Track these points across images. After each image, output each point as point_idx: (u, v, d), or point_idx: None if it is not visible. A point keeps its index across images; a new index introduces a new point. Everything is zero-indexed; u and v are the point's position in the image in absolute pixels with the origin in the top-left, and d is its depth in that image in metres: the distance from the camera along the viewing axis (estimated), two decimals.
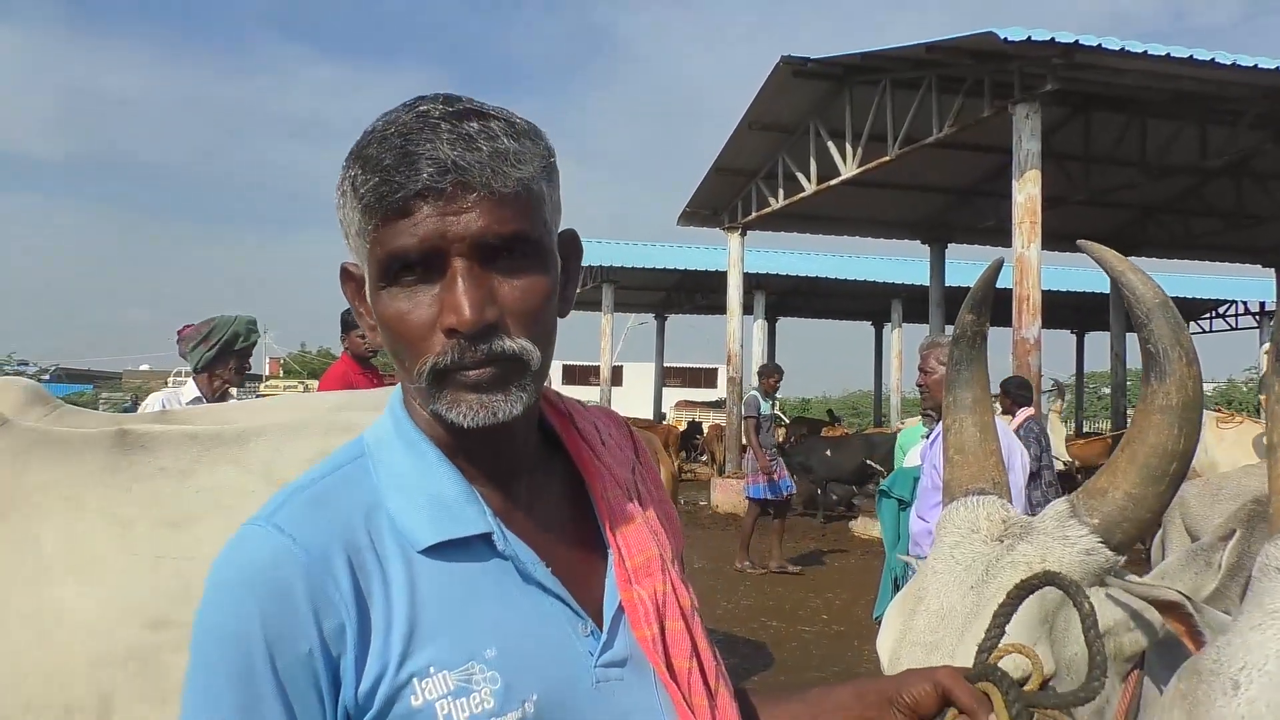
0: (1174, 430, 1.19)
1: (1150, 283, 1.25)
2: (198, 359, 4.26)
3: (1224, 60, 8.79)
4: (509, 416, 0.87)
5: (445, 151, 0.83)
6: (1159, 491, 1.20)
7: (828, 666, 6.25)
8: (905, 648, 1.23)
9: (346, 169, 0.87)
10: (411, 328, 0.86)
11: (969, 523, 1.28)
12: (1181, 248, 18.08)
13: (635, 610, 0.95)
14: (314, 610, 0.83)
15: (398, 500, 0.90)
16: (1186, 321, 8.52)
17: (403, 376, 0.91)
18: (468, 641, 0.86)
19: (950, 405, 1.43)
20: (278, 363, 40.09)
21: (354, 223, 0.87)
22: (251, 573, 0.84)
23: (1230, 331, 26.95)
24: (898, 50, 10.48)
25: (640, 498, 1.05)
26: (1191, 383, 1.20)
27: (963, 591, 1.22)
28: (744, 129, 13.30)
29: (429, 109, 0.86)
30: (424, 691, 0.84)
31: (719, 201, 15.43)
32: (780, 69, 11.74)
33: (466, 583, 0.88)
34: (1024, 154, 9.10)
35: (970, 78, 10.05)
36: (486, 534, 0.90)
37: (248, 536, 0.87)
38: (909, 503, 4.59)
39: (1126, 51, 8.61)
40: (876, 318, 27.19)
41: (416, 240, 0.84)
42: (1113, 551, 1.20)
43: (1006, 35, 8.45)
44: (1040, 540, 1.22)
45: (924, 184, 14.74)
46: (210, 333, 4.25)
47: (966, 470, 1.36)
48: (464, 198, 0.83)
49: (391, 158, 0.83)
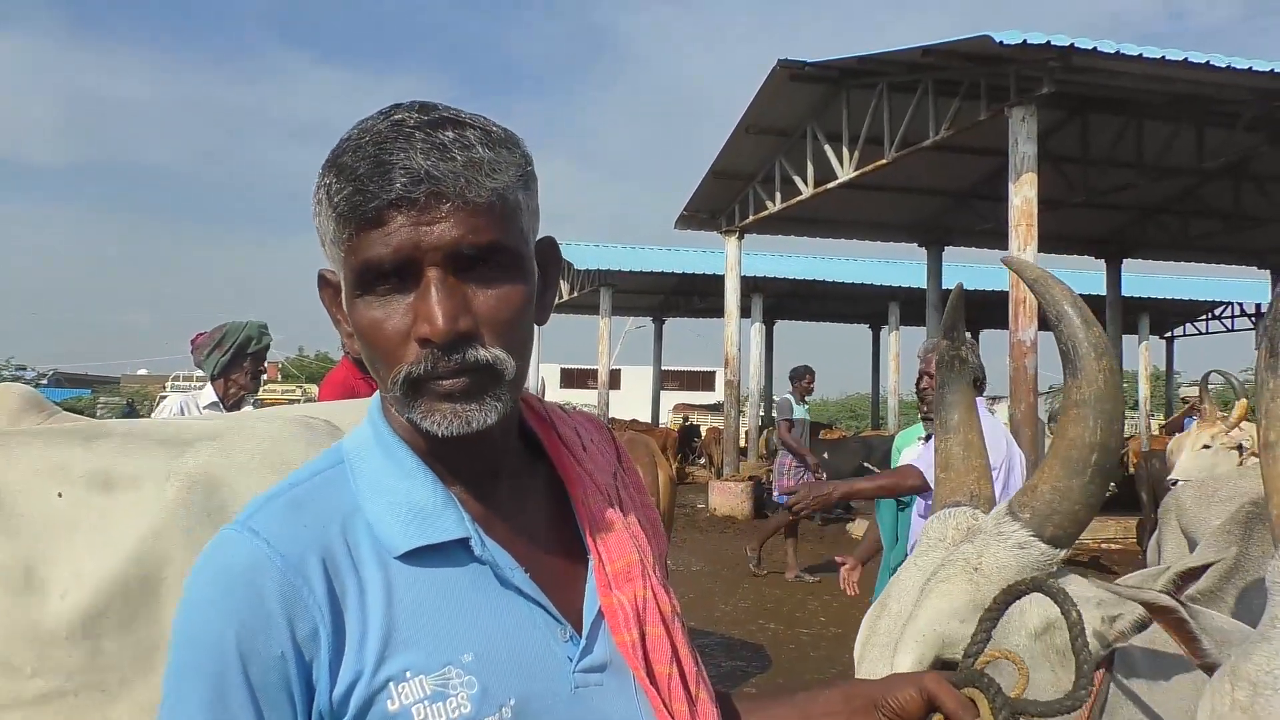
0: (1089, 423, 1.25)
1: (1061, 286, 1.31)
2: (213, 365, 4.28)
3: (1220, 62, 8.81)
4: (483, 426, 0.87)
5: (419, 161, 0.83)
6: (1083, 483, 1.25)
7: (826, 669, 6.25)
8: (869, 649, 1.31)
9: (321, 177, 0.87)
10: (386, 336, 0.86)
11: (938, 534, 1.36)
12: (1179, 249, 18.12)
13: (615, 615, 0.95)
14: (287, 615, 0.83)
15: (375, 506, 0.90)
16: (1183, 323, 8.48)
17: (379, 384, 0.92)
18: (444, 646, 0.86)
19: (938, 426, 1.51)
20: (276, 367, 40.04)
21: (329, 231, 0.87)
22: (226, 577, 0.85)
23: (1227, 333, 26.98)
24: (894, 54, 10.51)
25: (621, 503, 1.05)
26: (1102, 376, 1.26)
27: (914, 594, 1.29)
28: (741, 132, 13.33)
29: (404, 117, 0.86)
30: (400, 696, 0.84)
31: (716, 205, 15.45)
32: (777, 73, 11.77)
33: (444, 587, 0.89)
34: (1020, 157, 9.13)
35: (967, 81, 10.08)
36: (464, 539, 0.90)
37: (224, 541, 0.88)
38: (907, 504, 4.59)
39: (1122, 54, 8.63)
40: (874, 320, 27.21)
41: (390, 250, 0.83)
42: (1047, 544, 1.25)
43: (1002, 39, 8.48)
44: (980, 539, 1.29)
45: (921, 187, 14.77)
46: (223, 338, 4.27)
47: (948, 486, 1.44)
48: (437, 208, 0.83)
49: (365, 166, 0.83)
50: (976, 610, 1.20)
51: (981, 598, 1.21)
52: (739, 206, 15.23)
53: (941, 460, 1.48)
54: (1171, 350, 29.02)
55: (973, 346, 3.98)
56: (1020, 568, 1.24)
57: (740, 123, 13.14)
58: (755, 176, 14.50)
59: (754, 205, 14.87)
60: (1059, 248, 17.22)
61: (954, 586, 1.25)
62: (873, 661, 1.28)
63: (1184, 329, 28.28)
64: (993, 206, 14.29)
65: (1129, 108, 11.20)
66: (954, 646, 1.21)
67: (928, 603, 1.25)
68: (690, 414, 32.39)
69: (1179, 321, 27.93)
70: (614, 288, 21.01)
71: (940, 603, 1.24)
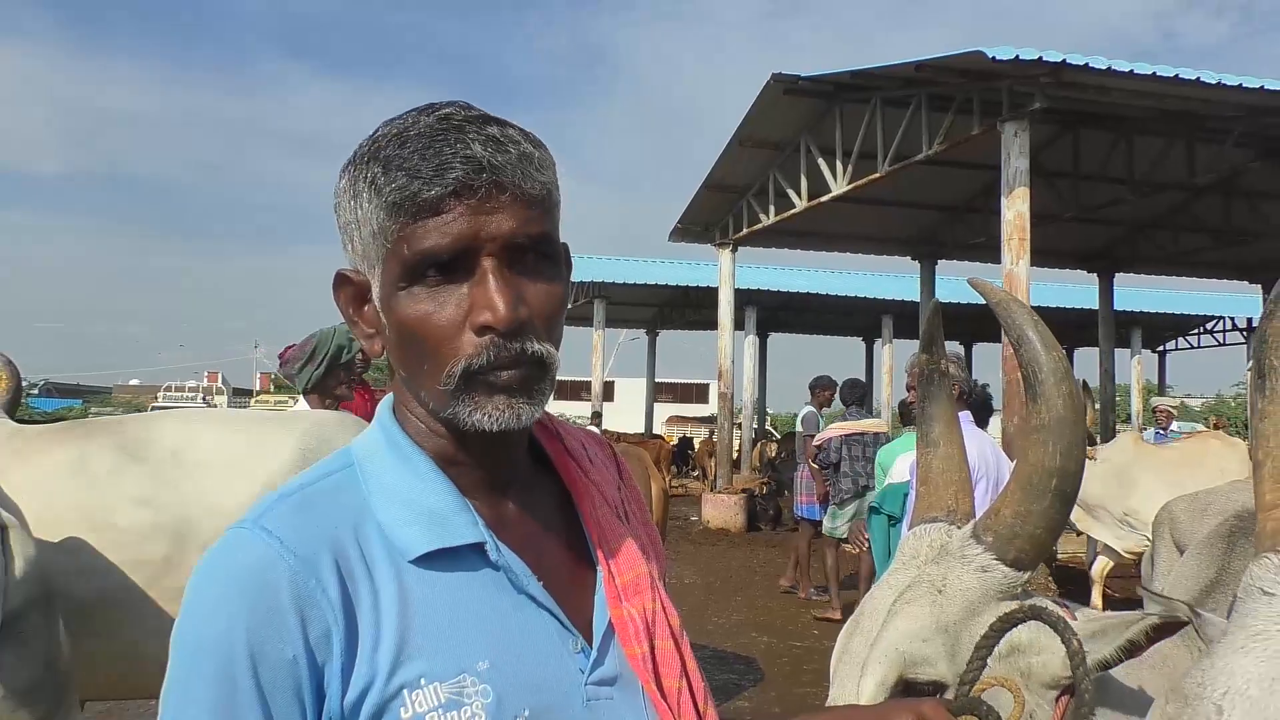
0: (1048, 447, 1.24)
1: (1023, 309, 1.33)
2: (307, 379, 4.06)
3: (1210, 79, 8.87)
4: (530, 420, 0.87)
5: (478, 150, 0.83)
6: (1043, 508, 1.24)
7: (819, 682, 6.23)
8: (841, 665, 1.31)
9: (361, 169, 0.86)
10: (439, 327, 0.85)
11: (912, 550, 1.36)
12: (1170, 264, 18.19)
13: (625, 628, 0.94)
14: (300, 615, 0.81)
15: (388, 509, 0.88)
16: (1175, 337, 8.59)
17: (413, 383, 0.90)
18: (460, 653, 0.84)
19: (919, 440, 1.51)
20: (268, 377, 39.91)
21: (372, 222, 0.85)
22: (237, 575, 0.82)
23: (1219, 347, 27.09)
24: (887, 68, 10.56)
25: (628, 516, 1.04)
26: (1062, 400, 1.25)
27: (884, 612, 1.30)
28: (735, 146, 13.36)
29: (450, 112, 0.86)
30: (414, 703, 0.82)
31: (710, 218, 15.48)
32: (771, 87, 11.81)
33: (458, 593, 0.87)
34: (1013, 171, 9.17)
35: (960, 96, 10.12)
36: (479, 544, 0.88)
37: (234, 539, 0.85)
38: (899, 518, 4.60)
39: (1113, 70, 8.68)
40: (867, 333, 27.27)
41: (449, 239, 0.83)
42: (1010, 568, 1.25)
43: (995, 54, 8.52)
44: (946, 561, 1.29)
45: (914, 201, 14.81)
46: (315, 351, 4.06)
47: (926, 500, 1.44)
48: (497, 197, 0.83)
49: (419, 157, 0.82)
50: (940, 632, 1.22)
51: (945, 619, 1.22)
52: (733, 219, 15.26)
53: (921, 474, 1.48)
54: (1164, 364, 29.15)
55: (959, 361, 3.99)
56: (984, 591, 1.24)
57: (734, 136, 13.17)
58: (749, 189, 14.53)
59: (748, 218, 14.90)
60: (1051, 261, 17.28)
61: (918, 609, 1.25)
62: (843, 678, 1.28)
63: (1176, 343, 28.40)
64: (985, 220, 14.33)
65: (1120, 123, 11.26)
66: (917, 666, 1.22)
67: (893, 623, 1.26)
68: (686, 426, 32.34)
69: (1171, 335, 28.06)
70: (608, 300, 21.02)
71: (904, 624, 1.25)
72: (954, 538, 1.32)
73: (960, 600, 1.23)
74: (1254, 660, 0.96)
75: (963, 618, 1.22)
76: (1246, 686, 0.94)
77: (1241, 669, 0.96)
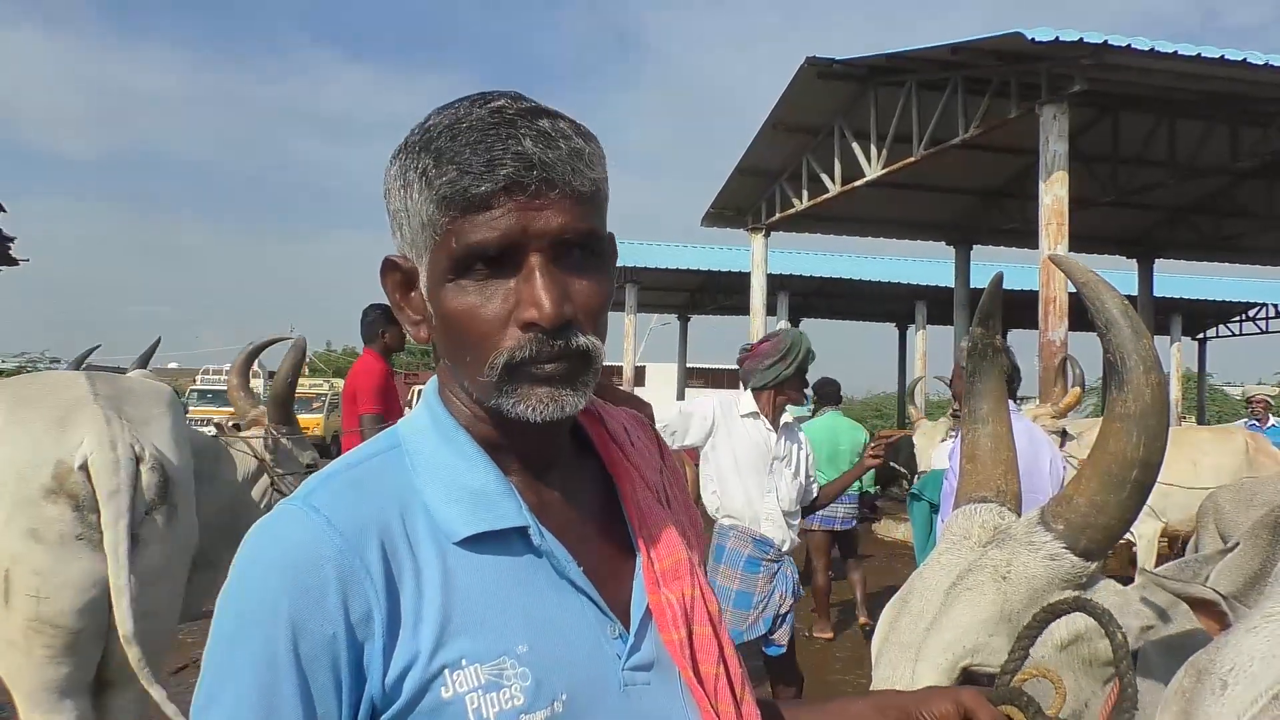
0: (1132, 438, 1.21)
1: (1113, 292, 1.27)
2: (774, 375, 4.01)
3: (1256, 60, 8.67)
4: (575, 410, 0.88)
5: (529, 147, 0.83)
6: (1121, 499, 1.21)
7: (851, 669, 6.23)
8: (888, 647, 1.27)
9: (410, 160, 0.86)
10: (485, 320, 0.86)
11: (963, 530, 1.32)
12: (1211, 249, 17.85)
13: (663, 613, 0.94)
14: (342, 594, 0.82)
15: (434, 490, 0.89)
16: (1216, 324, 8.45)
17: (457, 372, 0.91)
18: (501, 635, 0.85)
19: (966, 416, 1.47)
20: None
21: (420, 214, 0.86)
22: (283, 551, 0.84)
23: (1261, 335, 26.56)
24: (923, 51, 10.42)
25: (669, 500, 1.05)
26: (1150, 390, 1.21)
27: (938, 595, 1.26)
28: (768, 130, 13.28)
29: (503, 105, 0.86)
30: (455, 684, 0.83)
31: (743, 202, 15.41)
32: (805, 70, 11.71)
33: (501, 576, 0.88)
34: (1051, 155, 9.03)
35: (997, 79, 9.98)
36: (523, 528, 0.89)
37: (282, 515, 0.86)
38: (939, 505, 4.57)
39: (1156, 51, 8.52)
40: (900, 319, 27.02)
41: (498, 234, 0.84)
42: (1079, 558, 1.22)
43: (1034, 36, 8.39)
44: (1010, 546, 1.25)
45: (949, 185, 14.65)
46: (788, 351, 4.03)
47: (974, 479, 1.39)
48: (546, 194, 0.84)
49: (471, 151, 0.83)
50: (1004, 621, 1.19)
51: (1010, 608, 1.19)
52: (765, 204, 15.18)
53: (968, 451, 1.44)
54: (1204, 351, 28.62)
55: (1007, 349, 3.94)
56: (1050, 579, 1.21)
57: (768, 120, 13.08)
58: (782, 174, 14.43)
59: (780, 203, 14.81)
60: (1089, 247, 17.02)
61: (982, 596, 1.22)
62: (891, 661, 1.25)
63: (1217, 330, 27.87)
64: (1021, 205, 14.15)
65: (1161, 106, 11.05)
66: (980, 656, 1.19)
67: (954, 611, 1.22)
68: None
69: (1213, 322, 27.53)
70: (639, 284, 20.99)
71: (968, 612, 1.21)
72: (1019, 522, 1.29)
73: (1025, 588, 1.21)
74: (1261, 639, 0.98)
75: (1026, 606, 1.19)
76: (1250, 663, 0.97)
77: (1249, 647, 0.98)
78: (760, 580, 3.92)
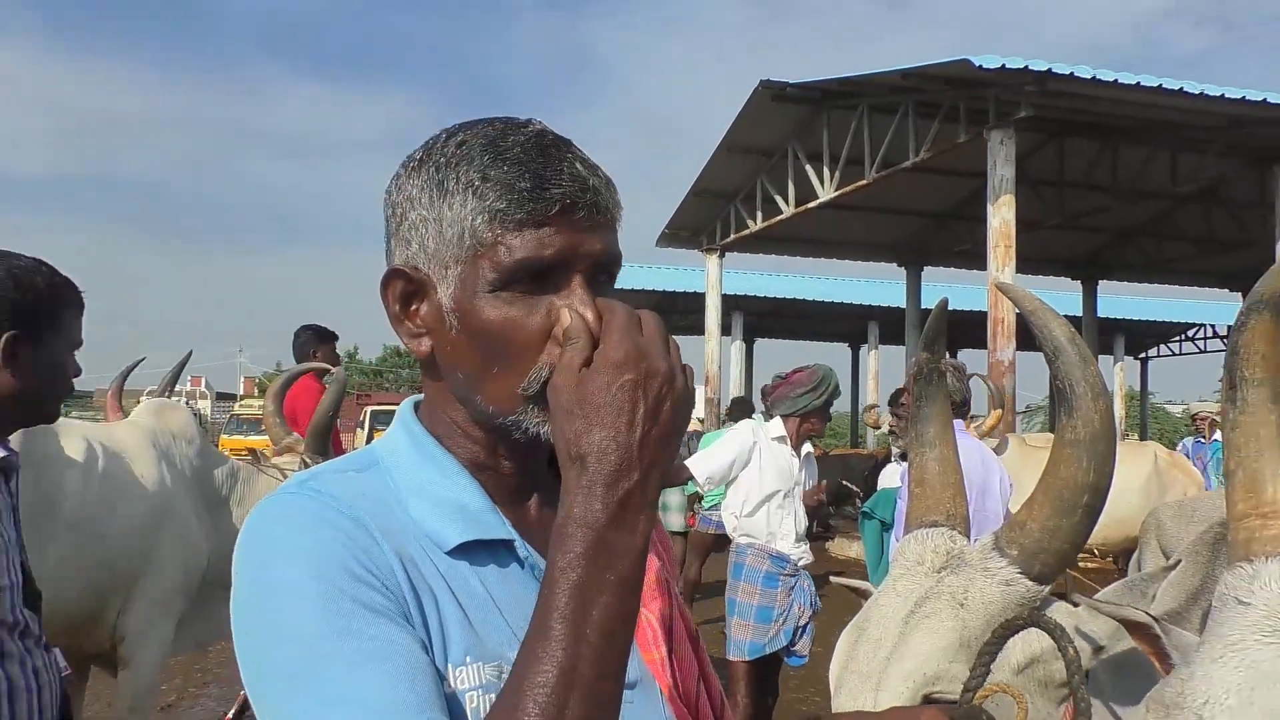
0: (1082, 463, 1.22)
1: (1059, 320, 1.29)
2: (804, 404, 4.26)
3: (1193, 89, 8.96)
4: None
5: (580, 170, 0.86)
6: (1073, 523, 1.23)
7: (806, 688, 6.24)
8: (847, 676, 1.27)
9: (452, 170, 0.86)
10: (525, 334, 0.85)
11: (916, 556, 1.33)
12: (1153, 271, 18.35)
13: (644, 633, 0.94)
14: (372, 539, 0.80)
15: (419, 504, 0.88)
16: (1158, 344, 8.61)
17: (470, 387, 0.89)
18: (497, 640, 0.84)
19: (913, 440, 1.47)
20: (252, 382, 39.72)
21: (462, 224, 0.85)
22: (304, 516, 0.81)
23: (1200, 354, 27.31)
24: (875, 76, 10.62)
25: None
26: (1098, 416, 1.23)
27: (896, 622, 1.26)
28: (723, 152, 13.41)
29: (543, 130, 0.88)
30: (458, 680, 0.81)
31: (698, 223, 15.51)
32: (759, 93, 11.86)
33: (491, 584, 0.87)
34: (999, 179, 9.23)
35: (946, 103, 10.19)
36: (509, 540, 0.89)
37: (285, 497, 0.84)
38: (891, 524, 4.61)
39: (1098, 80, 8.77)
40: (853, 339, 27.33)
41: (552, 252, 0.84)
42: (1033, 582, 1.23)
43: (981, 63, 8.59)
44: (966, 572, 1.26)
45: (901, 207, 14.89)
46: (820, 383, 4.27)
47: (924, 503, 1.40)
48: (595, 217, 0.86)
49: (529, 169, 0.84)
50: (963, 648, 1.20)
51: (968, 635, 1.20)
52: (720, 225, 15.30)
53: (916, 475, 1.45)
54: (1146, 371, 29.36)
55: (959, 371, 4.00)
56: (1006, 604, 1.22)
57: (722, 142, 13.21)
58: (737, 195, 14.57)
59: (735, 224, 14.94)
60: (1036, 269, 17.40)
61: (940, 624, 1.23)
62: (852, 689, 1.25)
63: (1158, 350, 28.61)
64: (971, 227, 14.41)
65: (1105, 132, 11.36)
66: (941, 684, 1.19)
67: (914, 639, 1.23)
68: None
69: (1154, 342, 28.25)
70: None
71: (928, 640, 1.22)
72: (974, 548, 1.30)
73: (983, 614, 1.21)
74: (1231, 669, 0.98)
75: (983, 631, 1.20)
76: (1225, 696, 0.96)
77: (1220, 678, 0.98)
78: (779, 594, 4.17)
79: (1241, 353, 1.07)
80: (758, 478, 4.17)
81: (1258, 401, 1.06)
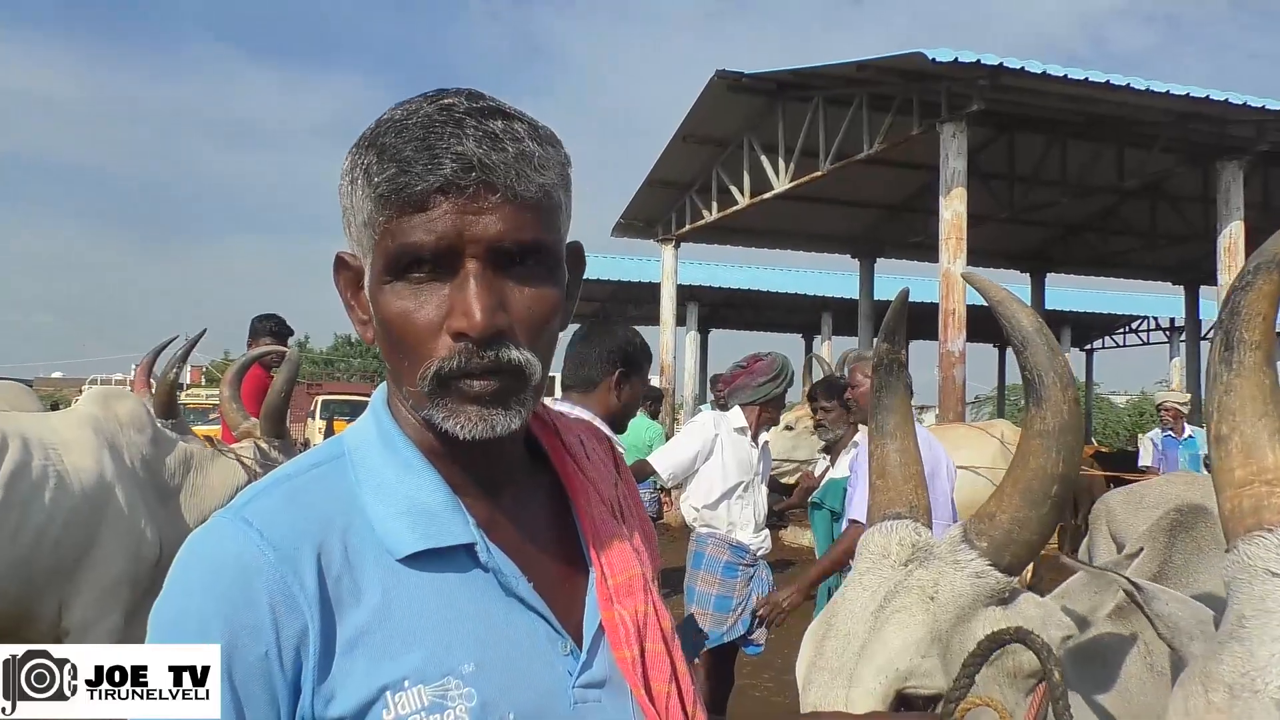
0: (1052, 454, 1.22)
1: (1027, 311, 1.28)
2: (764, 393, 4.22)
3: (1138, 85, 9.13)
4: (506, 431, 0.84)
5: (470, 148, 0.79)
6: (1041, 514, 1.22)
7: (759, 674, 6.28)
8: (815, 672, 1.26)
9: (359, 155, 0.83)
10: (416, 327, 0.82)
11: (881, 549, 1.32)
12: (1099, 264, 18.72)
13: (616, 631, 0.92)
14: (274, 611, 0.79)
15: (377, 505, 0.86)
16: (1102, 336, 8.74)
17: (397, 378, 0.87)
18: (445, 655, 0.82)
19: (872, 431, 1.47)
20: (200, 371, 38.94)
21: (362, 211, 0.83)
22: (214, 566, 0.81)
23: (1143, 346, 27.98)
24: (829, 68, 10.67)
25: (624, 515, 1.02)
26: (1067, 406, 1.22)
27: (865, 617, 1.25)
28: (678, 142, 13.39)
29: (454, 103, 0.82)
30: (396, 706, 0.79)
31: (653, 213, 15.49)
32: (715, 83, 11.86)
33: (446, 594, 0.84)
34: (951, 172, 9.34)
35: (900, 96, 10.27)
36: (469, 544, 0.86)
37: (215, 528, 0.83)
38: (840, 513, 4.64)
39: (1048, 74, 8.89)
40: (806, 330, 27.53)
41: (433, 237, 0.80)
42: (1003, 573, 1.23)
43: (934, 56, 8.67)
44: (935, 565, 1.26)
45: (855, 199, 15.00)
46: (780, 372, 4.25)
47: (886, 495, 1.39)
48: (486, 198, 0.80)
49: (412, 149, 0.79)
50: (935, 642, 1.19)
51: (940, 628, 1.19)
52: (676, 215, 15.29)
53: (877, 467, 1.43)
54: (1091, 362, 29.98)
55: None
56: (976, 597, 1.22)
57: (678, 132, 13.20)
58: (692, 186, 14.57)
59: (691, 214, 14.94)
60: (987, 261, 17.64)
61: (911, 618, 1.21)
62: (821, 686, 1.23)
63: (1103, 341, 29.24)
64: (924, 220, 14.57)
65: (1054, 127, 11.54)
66: (914, 679, 1.18)
67: (885, 634, 1.21)
68: None
69: (1098, 334, 28.87)
70: None
71: (899, 635, 1.21)
72: (942, 540, 1.29)
73: (953, 607, 1.21)
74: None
75: (955, 625, 1.20)
76: None
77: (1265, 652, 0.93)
78: (738, 584, 4.16)
79: (1243, 314, 1.02)
80: (720, 470, 4.15)
81: (1254, 364, 1.02)
